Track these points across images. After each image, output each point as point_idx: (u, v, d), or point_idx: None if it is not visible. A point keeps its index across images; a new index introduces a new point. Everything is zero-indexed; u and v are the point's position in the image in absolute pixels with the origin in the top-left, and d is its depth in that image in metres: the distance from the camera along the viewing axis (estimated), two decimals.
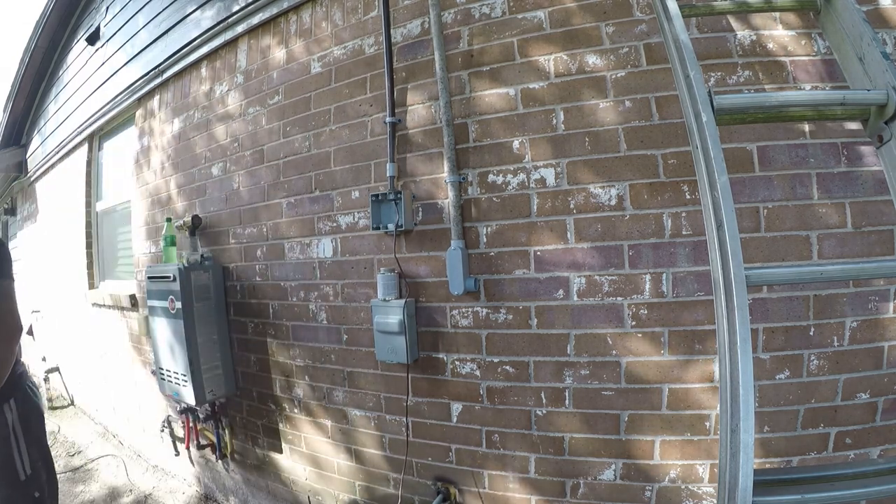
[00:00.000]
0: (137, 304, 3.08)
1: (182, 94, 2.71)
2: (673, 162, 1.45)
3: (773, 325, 1.39)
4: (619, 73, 1.51)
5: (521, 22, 1.63)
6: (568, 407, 1.56)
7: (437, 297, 1.75)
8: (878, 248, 1.36)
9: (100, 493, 2.82)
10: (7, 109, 5.17)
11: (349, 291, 1.95)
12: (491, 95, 1.66)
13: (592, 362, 1.52)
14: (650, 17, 1.49)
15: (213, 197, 2.45)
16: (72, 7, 4.09)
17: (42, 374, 4.78)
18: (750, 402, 0.77)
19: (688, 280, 1.44)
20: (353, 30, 1.94)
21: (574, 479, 1.57)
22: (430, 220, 1.76)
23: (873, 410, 1.37)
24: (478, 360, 1.68)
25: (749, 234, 1.39)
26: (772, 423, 1.40)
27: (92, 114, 3.64)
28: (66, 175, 4.34)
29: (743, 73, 1.44)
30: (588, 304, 1.53)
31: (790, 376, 1.38)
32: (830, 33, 1.10)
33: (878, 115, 0.93)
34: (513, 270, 1.62)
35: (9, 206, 6.61)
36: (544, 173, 1.58)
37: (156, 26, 2.86)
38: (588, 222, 1.53)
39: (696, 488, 1.45)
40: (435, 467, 1.79)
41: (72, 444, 3.60)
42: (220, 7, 2.39)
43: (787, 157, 1.40)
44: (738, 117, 1.00)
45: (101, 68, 3.55)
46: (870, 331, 1.36)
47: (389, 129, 1.79)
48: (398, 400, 1.84)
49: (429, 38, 1.76)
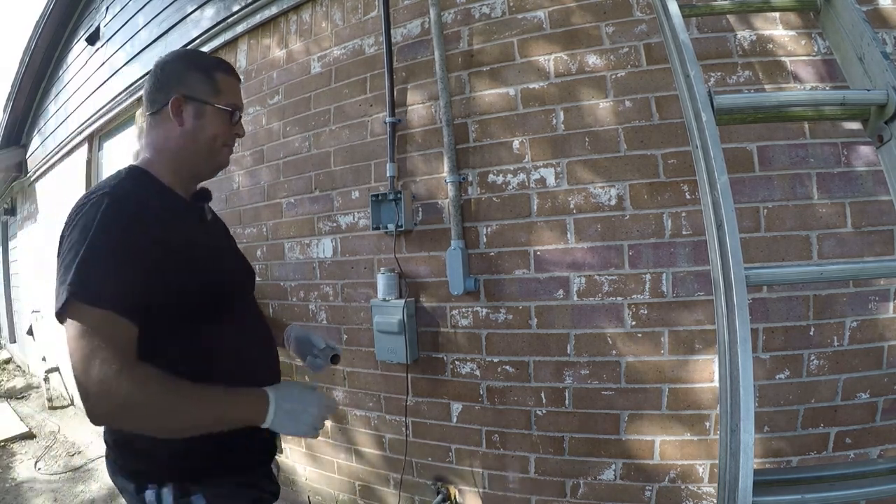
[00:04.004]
0: None
1: None
2: (673, 162, 1.45)
3: (773, 325, 1.39)
4: (620, 73, 1.51)
5: (521, 22, 1.63)
6: (568, 407, 1.56)
7: (437, 297, 1.75)
8: (878, 248, 1.36)
9: (100, 493, 2.82)
10: (7, 109, 5.18)
11: (349, 291, 1.95)
12: (491, 95, 1.66)
13: (592, 362, 1.52)
14: (650, 17, 1.49)
15: (214, 197, 2.44)
16: (72, 7, 4.09)
17: (42, 374, 4.78)
18: (750, 402, 0.77)
19: (688, 280, 1.44)
20: (353, 30, 1.94)
21: (574, 479, 1.57)
22: (430, 220, 1.76)
23: (873, 410, 1.37)
24: (478, 359, 1.68)
25: (749, 234, 1.39)
26: (772, 423, 1.39)
27: (92, 114, 3.64)
28: (66, 175, 4.34)
29: (743, 73, 1.44)
30: (588, 303, 1.52)
31: (790, 376, 1.38)
32: (830, 33, 1.10)
33: (878, 115, 0.93)
34: (513, 270, 1.62)
35: (9, 206, 6.61)
36: (544, 173, 1.58)
37: (156, 26, 2.86)
38: (588, 222, 1.53)
39: (696, 488, 1.45)
40: (435, 467, 1.79)
41: (72, 444, 3.60)
42: (219, 7, 2.39)
43: (787, 157, 1.40)
44: (738, 117, 1.00)
45: (101, 68, 3.55)
46: (870, 331, 1.36)
47: (389, 129, 1.79)
48: (398, 400, 1.84)
49: (429, 38, 1.76)
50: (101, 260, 0.72)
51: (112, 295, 0.71)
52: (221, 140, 0.94)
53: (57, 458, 3.34)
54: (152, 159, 0.92)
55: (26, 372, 6.20)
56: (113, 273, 0.73)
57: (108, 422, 0.77)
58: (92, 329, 0.69)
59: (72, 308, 0.70)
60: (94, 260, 0.72)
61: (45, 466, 3.22)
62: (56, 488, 2.90)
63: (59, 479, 3.03)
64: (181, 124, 0.89)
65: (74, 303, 0.69)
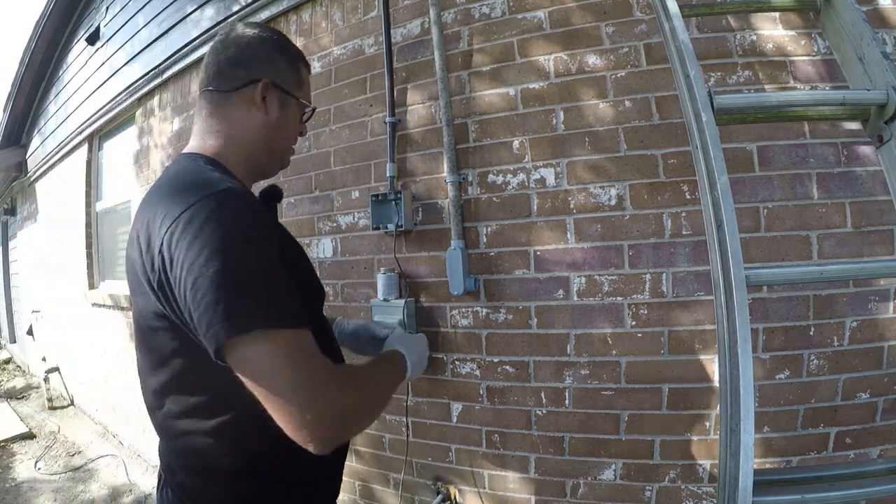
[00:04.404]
0: None
1: (182, 93, 2.71)
2: (673, 162, 1.45)
3: (773, 325, 1.39)
4: (619, 73, 1.51)
5: (521, 22, 1.63)
6: (568, 407, 1.56)
7: (437, 297, 1.75)
8: (878, 248, 1.36)
9: (100, 493, 2.82)
10: (7, 109, 5.18)
11: (349, 291, 1.95)
12: (491, 95, 1.66)
13: (592, 362, 1.52)
14: (650, 17, 1.49)
15: None
16: (72, 7, 4.09)
17: (42, 374, 4.78)
18: (750, 402, 0.77)
19: (688, 280, 1.44)
20: (353, 30, 1.94)
21: (574, 479, 1.57)
22: (430, 220, 1.76)
23: (873, 410, 1.37)
24: (478, 359, 1.68)
25: (749, 234, 1.39)
26: (772, 423, 1.39)
27: (92, 114, 3.64)
28: (66, 175, 4.34)
29: (743, 73, 1.44)
30: (588, 303, 1.53)
31: (790, 376, 1.38)
32: (830, 33, 1.10)
33: (878, 115, 0.93)
34: (513, 270, 1.62)
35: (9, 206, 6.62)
36: (544, 173, 1.58)
37: (156, 26, 2.86)
38: (588, 222, 1.53)
39: (696, 488, 1.45)
40: (435, 467, 1.79)
41: (72, 444, 3.60)
42: (219, 7, 2.39)
43: (787, 157, 1.40)
44: (738, 117, 1.00)
45: (101, 68, 3.55)
46: (870, 331, 1.36)
47: (389, 129, 1.79)
48: (398, 400, 1.84)
49: (429, 38, 1.76)
50: (263, 274, 0.60)
51: (291, 311, 0.60)
52: (293, 138, 0.85)
53: (57, 458, 3.34)
54: (222, 148, 0.77)
55: (26, 372, 6.21)
56: (281, 284, 0.62)
57: (341, 440, 0.65)
58: (295, 352, 0.58)
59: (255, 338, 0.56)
60: (255, 271, 0.59)
61: (45, 466, 3.22)
62: (56, 488, 2.90)
63: (59, 479, 3.03)
64: (266, 113, 0.78)
65: (258, 332, 0.56)
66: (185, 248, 0.58)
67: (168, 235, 0.60)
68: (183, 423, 0.71)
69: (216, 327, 0.56)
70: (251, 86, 0.77)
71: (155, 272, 0.62)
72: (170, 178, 0.71)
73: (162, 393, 0.72)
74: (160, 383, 0.72)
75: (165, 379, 0.71)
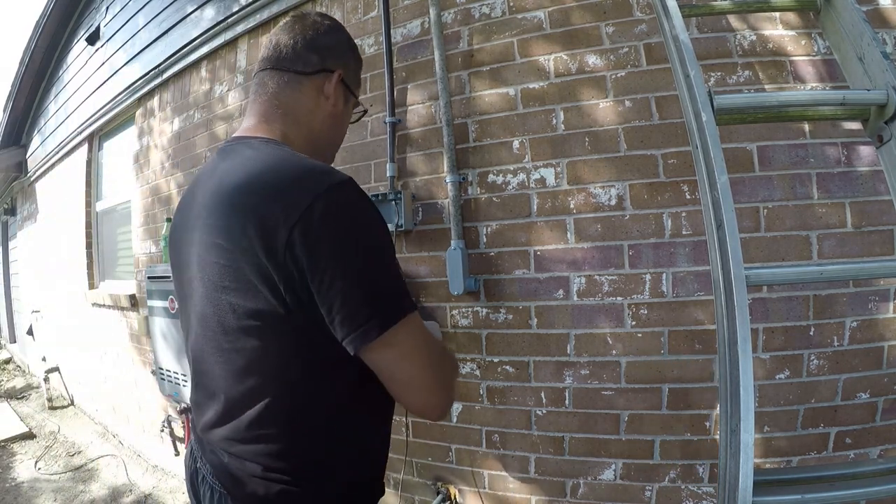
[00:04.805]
0: (137, 304, 3.08)
1: (182, 93, 2.71)
2: (673, 162, 1.45)
3: (773, 325, 1.39)
4: (619, 73, 1.51)
5: (521, 22, 1.63)
6: (568, 407, 1.56)
7: (437, 297, 1.75)
8: (878, 248, 1.36)
9: (100, 493, 2.82)
10: (7, 109, 5.18)
11: None
12: (491, 95, 1.66)
13: (592, 362, 1.52)
14: (650, 17, 1.49)
15: None
16: (72, 7, 4.09)
17: (42, 374, 4.78)
18: (750, 402, 0.77)
19: (688, 280, 1.44)
20: (353, 30, 1.94)
21: (574, 479, 1.57)
22: (429, 220, 1.76)
23: (873, 410, 1.37)
24: (478, 359, 1.68)
25: (749, 234, 1.39)
26: (772, 423, 1.39)
27: (92, 114, 3.64)
28: (66, 175, 4.34)
29: (743, 72, 1.44)
30: (588, 303, 1.53)
31: (790, 376, 1.38)
32: (830, 33, 1.10)
33: (878, 115, 0.93)
34: (513, 270, 1.62)
35: (9, 206, 6.62)
36: (544, 173, 1.58)
37: (156, 26, 2.86)
38: (588, 222, 1.53)
39: (696, 488, 1.45)
40: (435, 467, 1.79)
41: (72, 444, 3.60)
42: (219, 7, 2.39)
43: (787, 157, 1.40)
44: (738, 117, 1.00)
45: (101, 68, 3.55)
46: (870, 331, 1.36)
47: (389, 129, 1.78)
48: None
49: (429, 38, 1.76)
50: (396, 261, 0.65)
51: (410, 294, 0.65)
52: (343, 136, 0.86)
53: (57, 458, 3.34)
54: (289, 131, 0.73)
55: (26, 372, 6.21)
56: (398, 267, 0.66)
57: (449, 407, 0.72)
58: (422, 332, 0.65)
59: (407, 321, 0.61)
60: (390, 262, 0.63)
61: (45, 466, 3.22)
62: (56, 488, 2.90)
63: (59, 479, 3.03)
64: (334, 104, 0.77)
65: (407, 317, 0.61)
66: (328, 243, 0.57)
67: (301, 228, 0.56)
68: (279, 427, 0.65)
69: (376, 319, 0.58)
70: (325, 74, 0.76)
71: (280, 267, 0.57)
72: (263, 165, 0.64)
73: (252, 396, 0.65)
74: (248, 388, 0.65)
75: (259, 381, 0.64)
